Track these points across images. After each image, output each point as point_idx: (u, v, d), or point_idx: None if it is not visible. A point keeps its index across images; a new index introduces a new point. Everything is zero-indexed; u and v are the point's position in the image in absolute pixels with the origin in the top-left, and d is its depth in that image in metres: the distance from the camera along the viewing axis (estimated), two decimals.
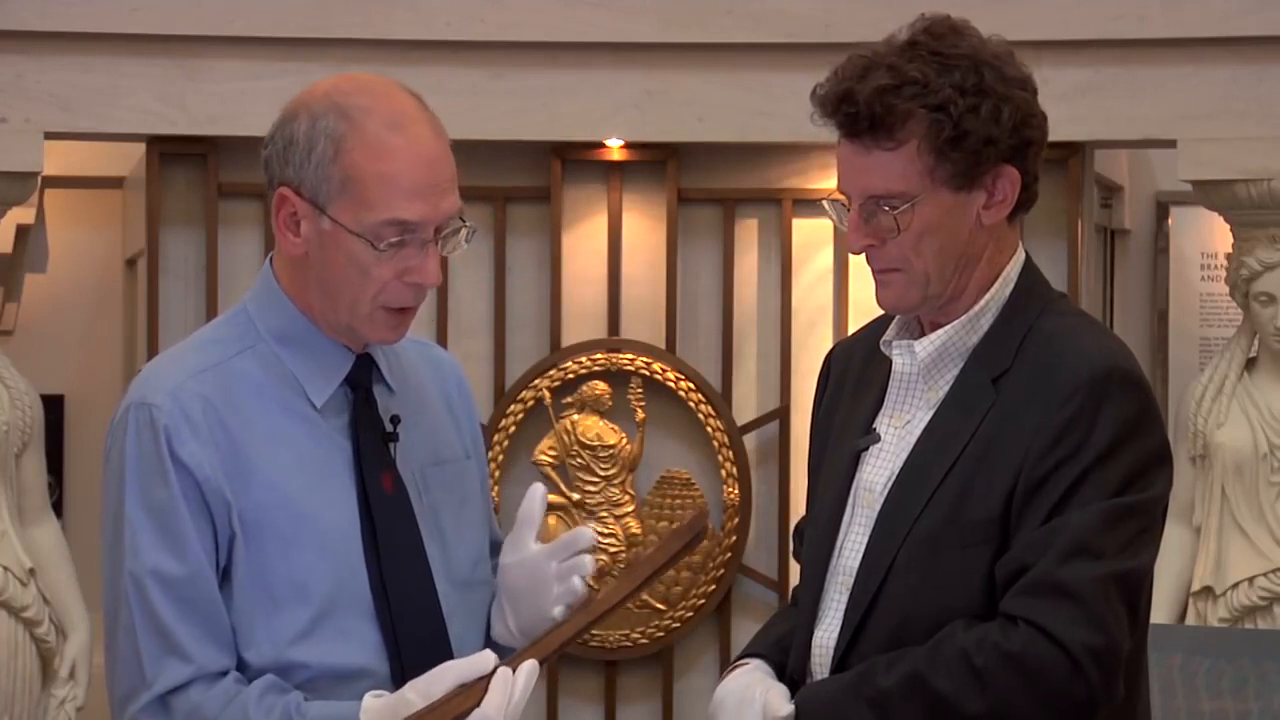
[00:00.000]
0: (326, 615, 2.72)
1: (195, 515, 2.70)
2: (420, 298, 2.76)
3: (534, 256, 6.13)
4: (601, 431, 6.06)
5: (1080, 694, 2.62)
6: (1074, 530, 2.62)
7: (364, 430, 2.79)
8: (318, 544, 2.73)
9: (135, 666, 2.70)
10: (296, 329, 2.79)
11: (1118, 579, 2.64)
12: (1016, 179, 2.74)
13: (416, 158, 2.71)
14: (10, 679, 5.73)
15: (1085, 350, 2.69)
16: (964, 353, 2.75)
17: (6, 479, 5.74)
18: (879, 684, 2.66)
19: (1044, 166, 2.68)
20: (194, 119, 5.84)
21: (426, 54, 5.67)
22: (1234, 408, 5.75)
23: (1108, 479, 2.64)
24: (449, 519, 2.86)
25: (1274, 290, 5.70)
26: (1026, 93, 2.75)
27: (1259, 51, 5.72)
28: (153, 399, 2.73)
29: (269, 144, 2.77)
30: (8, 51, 5.71)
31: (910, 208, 2.69)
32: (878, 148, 2.69)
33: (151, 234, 6.04)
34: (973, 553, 2.66)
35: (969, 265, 2.74)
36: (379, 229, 2.70)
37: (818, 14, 5.47)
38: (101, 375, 6.83)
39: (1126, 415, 2.65)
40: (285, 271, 2.81)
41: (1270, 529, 5.69)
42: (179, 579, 2.69)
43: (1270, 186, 5.69)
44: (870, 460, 2.78)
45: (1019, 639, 2.60)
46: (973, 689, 2.61)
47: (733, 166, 5.97)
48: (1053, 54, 5.74)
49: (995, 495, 2.65)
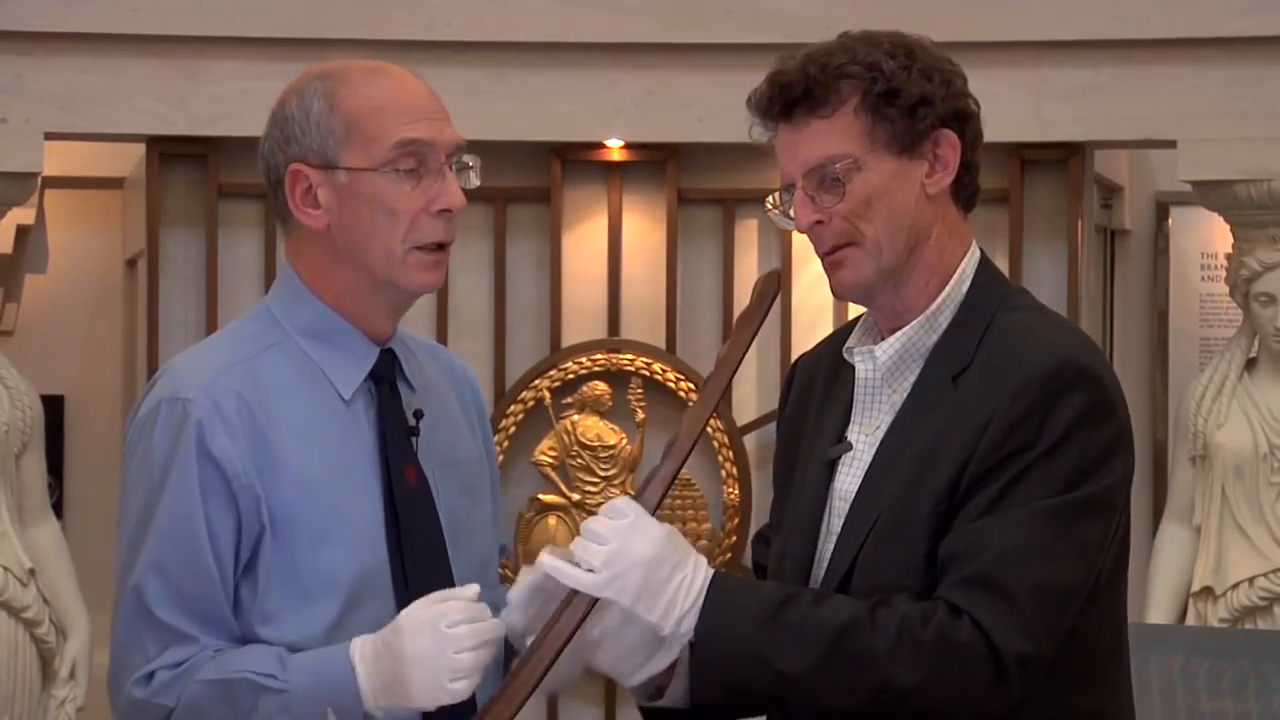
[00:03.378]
0: (354, 606, 2.74)
1: (218, 510, 2.71)
2: (450, 231, 2.78)
3: (534, 257, 6.14)
4: (602, 432, 6.07)
5: (1001, 703, 2.59)
6: (1023, 529, 2.59)
7: (389, 422, 2.81)
8: (346, 537, 2.75)
9: (139, 649, 2.72)
10: (322, 322, 2.80)
11: (1058, 589, 2.61)
12: (956, 143, 2.73)
13: (405, 87, 2.79)
14: (10, 679, 5.73)
15: (1040, 346, 2.68)
16: (924, 353, 2.74)
17: (6, 479, 5.74)
18: (803, 612, 2.61)
19: (1045, 168, 2.68)
20: (194, 119, 5.84)
21: (427, 54, 5.67)
22: (1234, 408, 5.75)
23: (1055, 473, 2.61)
24: (463, 518, 2.87)
25: (1274, 290, 5.70)
26: (955, 73, 2.75)
27: (1258, 52, 5.72)
28: (186, 393, 2.74)
29: (266, 139, 2.81)
30: (8, 52, 5.71)
31: (854, 168, 2.69)
32: (814, 118, 2.71)
33: (151, 234, 6.04)
34: (922, 545, 2.65)
35: (919, 242, 2.73)
36: (392, 155, 2.74)
37: (817, 14, 5.48)
38: (101, 376, 6.83)
39: (1079, 409, 2.63)
40: (305, 265, 2.82)
41: (1270, 529, 5.69)
42: (182, 575, 2.71)
43: (1270, 187, 5.69)
44: (843, 468, 2.78)
45: (964, 631, 2.57)
46: (911, 658, 2.57)
47: (733, 167, 5.98)
48: (1053, 54, 5.75)
49: (941, 487, 2.64)
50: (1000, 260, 5.94)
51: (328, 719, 2.67)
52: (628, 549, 2.62)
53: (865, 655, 2.58)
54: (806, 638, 2.60)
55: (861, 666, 2.58)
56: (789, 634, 2.60)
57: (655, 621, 2.63)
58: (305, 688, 2.68)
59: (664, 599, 2.62)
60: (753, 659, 2.60)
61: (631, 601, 2.62)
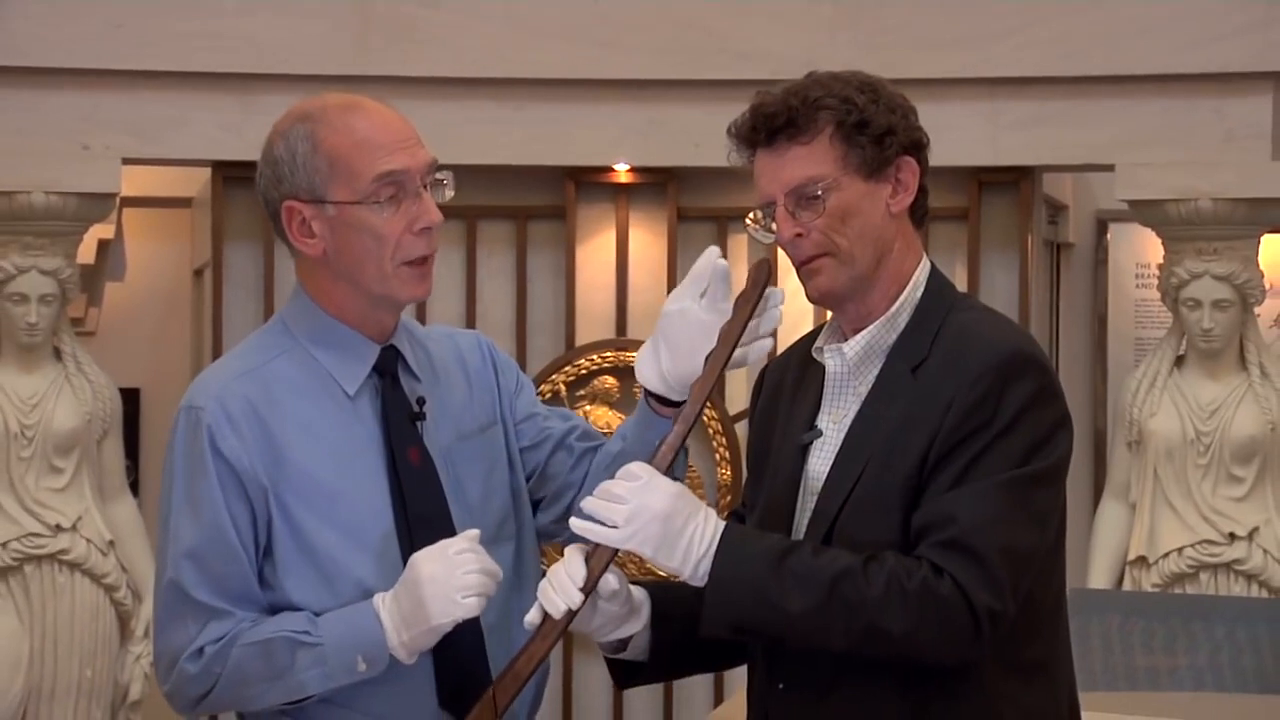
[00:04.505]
0: (366, 580, 2.73)
1: (235, 500, 2.71)
2: (432, 245, 2.77)
3: (551, 267, 6.13)
4: (611, 420, 6.06)
5: (975, 652, 2.60)
6: (988, 500, 2.60)
7: (392, 410, 2.79)
8: (353, 518, 2.74)
9: (183, 630, 2.72)
10: (326, 330, 2.79)
11: (1021, 552, 2.62)
12: (916, 169, 2.75)
13: (379, 123, 2.75)
14: (93, 638, 5.74)
15: (991, 338, 2.70)
16: (885, 350, 2.75)
17: (89, 462, 5.74)
18: (805, 560, 2.61)
19: (1000, 189, 2.68)
20: (251, 146, 5.73)
21: (456, 89, 5.67)
22: (1165, 399, 5.74)
23: (1011, 448, 2.62)
24: (476, 488, 2.85)
25: (1200, 296, 5.70)
26: (909, 108, 2.76)
27: (1187, 87, 5.72)
28: (199, 402, 2.75)
29: (260, 178, 2.81)
30: (90, 87, 5.71)
31: (831, 187, 2.70)
32: (795, 144, 2.71)
33: (216, 248, 6.04)
34: (896, 516, 2.65)
35: (884, 254, 2.74)
36: (373, 188, 2.72)
37: (799, 53, 5.47)
38: (172, 371, 6.83)
39: (1028, 392, 2.65)
40: (311, 282, 2.81)
41: (1197, 505, 5.69)
42: (214, 559, 2.71)
43: (1197, 205, 5.69)
44: (814, 453, 2.78)
45: (945, 587, 2.58)
46: (898, 606, 2.57)
47: (726, 188, 5.97)
48: (1006, 89, 5.75)
49: (911, 462, 2.65)
50: (960, 271, 5.94)
51: (358, 666, 2.68)
52: (645, 506, 2.63)
53: (858, 601, 2.58)
54: (807, 582, 2.60)
55: (854, 611, 2.59)
56: (792, 579, 2.60)
57: (675, 567, 2.64)
58: (336, 639, 2.68)
59: (681, 547, 2.63)
60: (760, 600, 2.61)
61: (653, 551, 2.64)
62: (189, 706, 2.75)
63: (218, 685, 2.70)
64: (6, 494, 5.67)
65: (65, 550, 5.66)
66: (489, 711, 2.69)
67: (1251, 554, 5.64)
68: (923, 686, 2.64)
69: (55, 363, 5.76)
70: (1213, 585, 5.64)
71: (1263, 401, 5.70)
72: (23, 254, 5.69)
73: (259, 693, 2.71)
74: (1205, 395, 5.72)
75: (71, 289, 5.79)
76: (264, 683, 2.69)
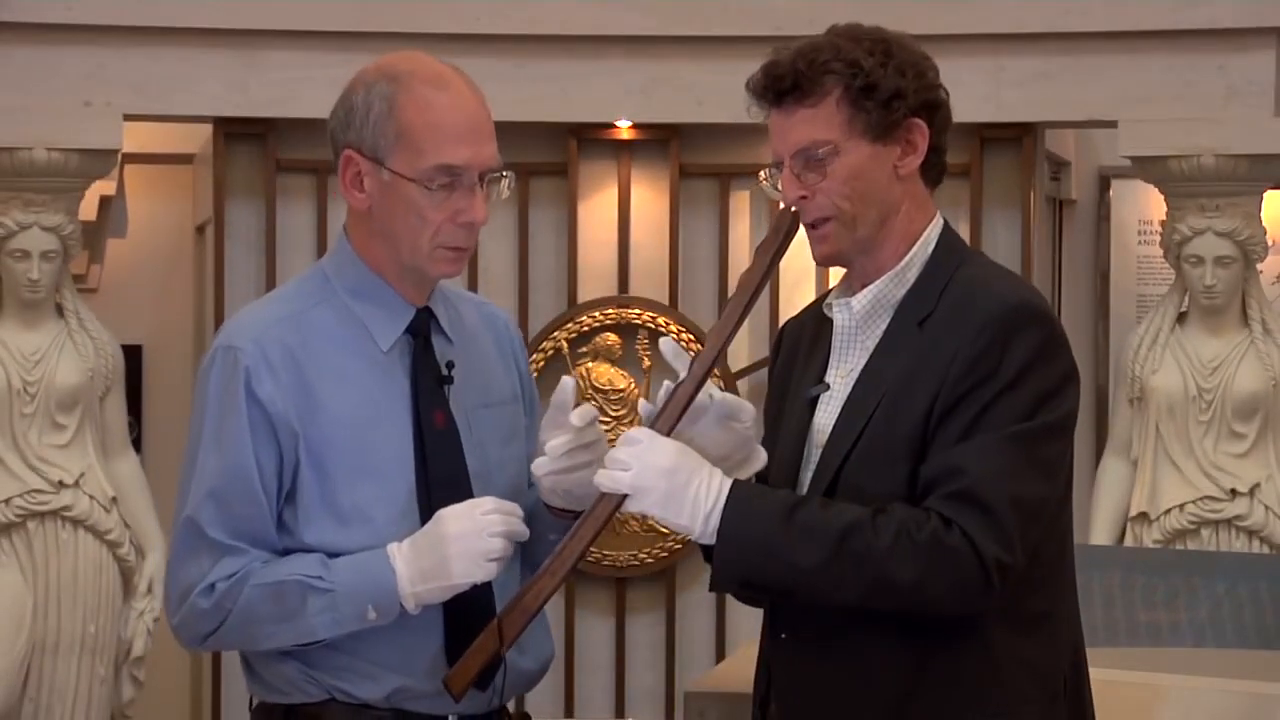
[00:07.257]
0: (384, 532, 2.74)
1: (264, 445, 2.72)
2: (472, 238, 2.78)
3: (553, 224, 6.13)
4: (613, 377, 6.06)
5: (984, 602, 2.61)
6: (997, 452, 2.61)
7: (422, 372, 2.80)
8: (377, 470, 2.75)
9: (196, 565, 2.73)
10: (367, 285, 2.80)
11: (1030, 504, 2.62)
12: (925, 131, 2.75)
13: (458, 109, 2.75)
14: (96, 593, 5.75)
15: (998, 291, 2.70)
16: (893, 304, 2.76)
17: (92, 419, 5.74)
18: (813, 514, 2.62)
19: (1002, 145, 2.68)
20: (254, 103, 5.83)
21: (458, 46, 5.65)
22: (1167, 356, 5.75)
23: (1018, 402, 2.63)
24: (494, 453, 2.86)
25: (1202, 253, 5.69)
26: (928, 66, 2.75)
27: (1190, 43, 5.71)
28: (238, 343, 2.75)
29: (333, 117, 2.80)
30: (91, 43, 5.70)
31: (834, 152, 2.70)
32: (802, 107, 2.72)
33: (218, 204, 6.04)
34: (902, 467, 2.66)
35: (890, 215, 2.74)
36: (430, 173, 2.72)
37: (802, 9, 5.45)
38: (174, 327, 6.82)
39: (1033, 345, 2.65)
40: (356, 234, 2.82)
41: (1198, 462, 5.70)
42: (234, 500, 2.72)
43: (1199, 162, 5.68)
44: (822, 406, 2.79)
45: (954, 537, 2.58)
46: (907, 557, 2.57)
47: (728, 145, 5.97)
48: (1009, 46, 5.74)
49: (917, 414, 2.65)
50: (962, 227, 5.93)
51: (368, 615, 2.69)
52: (647, 466, 2.64)
53: (866, 553, 2.59)
54: (816, 536, 2.60)
55: (864, 563, 2.59)
56: (801, 533, 2.61)
57: (685, 524, 2.65)
58: (348, 585, 2.69)
59: (688, 502, 2.64)
60: (769, 554, 2.62)
61: (661, 510, 2.65)
62: (196, 641, 2.77)
63: (226, 622, 2.72)
64: (9, 451, 5.68)
65: (68, 507, 5.67)
66: (493, 641, 2.70)
67: (1253, 510, 5.65)
68: (923, 636, 2.65)
69: (57, 319, 5.76)
70: (1214, 541, 5.66)
71: (1264, 358, 5.71)
72: (24, 210, 5.69)
73: (267, 633, 2.72)
74: (1207, 352, 5.72)
75: (73, 245, 5.79)
76: (273, 624, 2.71)
